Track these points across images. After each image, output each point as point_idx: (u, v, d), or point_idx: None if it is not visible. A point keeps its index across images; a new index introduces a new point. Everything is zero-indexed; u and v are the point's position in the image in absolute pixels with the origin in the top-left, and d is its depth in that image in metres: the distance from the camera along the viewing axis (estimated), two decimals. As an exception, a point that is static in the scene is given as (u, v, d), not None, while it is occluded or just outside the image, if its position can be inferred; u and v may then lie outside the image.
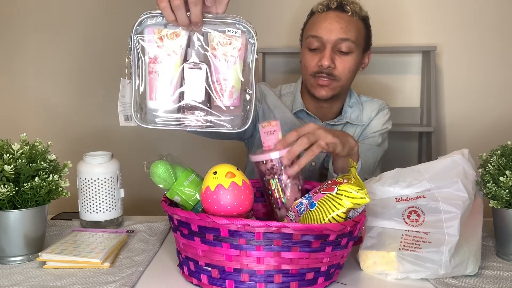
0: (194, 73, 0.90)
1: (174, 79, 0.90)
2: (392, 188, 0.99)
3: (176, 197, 0.97)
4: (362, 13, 1.38)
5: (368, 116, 1.46)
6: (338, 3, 1.36)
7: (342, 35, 1.32)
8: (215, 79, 0.90)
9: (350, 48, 1.34)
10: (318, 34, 1.34)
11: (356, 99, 1.48)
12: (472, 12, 2.19)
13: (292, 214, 0.96)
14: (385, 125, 1.47)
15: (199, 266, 0.88)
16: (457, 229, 0.91)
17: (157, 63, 0.89)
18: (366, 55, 1.44)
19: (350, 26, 1.34)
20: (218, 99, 0.90)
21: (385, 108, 1.50)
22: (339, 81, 1.36)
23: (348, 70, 1.35)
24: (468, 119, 2.24)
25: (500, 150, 1.04)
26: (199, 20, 0.86)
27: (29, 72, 2.30)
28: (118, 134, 2.30)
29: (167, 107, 0.90)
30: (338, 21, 1.33)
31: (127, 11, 2.17)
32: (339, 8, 1.35)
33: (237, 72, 0.90)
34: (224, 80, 0.90)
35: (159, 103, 0.90)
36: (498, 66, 2.21)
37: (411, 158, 2.32)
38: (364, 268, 0.98)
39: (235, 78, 0.90)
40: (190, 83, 0.90)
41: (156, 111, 0.90)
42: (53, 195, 1.03)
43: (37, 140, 1.05)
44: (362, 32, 1.38)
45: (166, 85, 0.89)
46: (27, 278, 0.94)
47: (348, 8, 1.34)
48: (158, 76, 0.89)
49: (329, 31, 1.33)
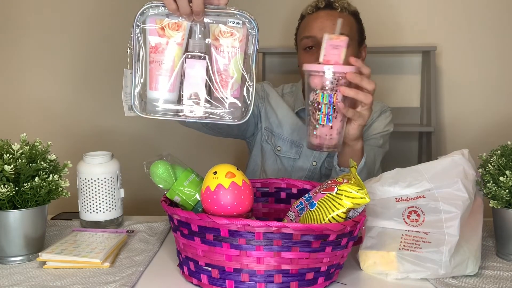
0: (195, 63, 0.90)
1: (175, 70, 0.90)
2: (392, 188, 0.99)
3: (176, 197, 0.97)
4: (351, 8, 1.40)
5: (370, 118, 1.46)
6: (326, 2, 1.38)
7: None
8: (216, 70, 0.90)
9: None
10: (311, 34, 1.36)
11: None
12: (472, 12, 2.19)
13: (292, 214, 0.96)
14: (386, 127, 1.47)
15: (199, 266, 0.88)
16: (457, 229, 0.91)
17: (158, 53, 0.89)
18: (362, 49, 1.44)
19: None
20: (218, 90, 0.90)
21: (387, 110, 1.50)
22: None
23: None
24: (468, 119, 2.24)
25: (500, 150, 1.04)
26: (200, 10, 0.86)
27: (29, 72, 2.30)
28: (118, 134, 2.30)
29: (167, 97, 0.90)
30: (329, 19, 1.35)
31: (128, 11, 2.17)
32: (328, 6, 1.38)
33: (238, 64, 0.90)
34: (225, 71, 0.90)
35: (159, 93, 0.90)
36: (498, 66, 2.21)
37: (411, 158, 2.31)
38: (364, 268, 0.98)
39: (236, 69, 0.90)
40: (190, 74, 0.90)
41: (156, 101, 0.90)
42: (53, 195, 1.03)
43: (37, 140, 1.05)
44: (354, 27, 1.40)
45: (166, 75, 0.89)
46: (27, 278, 0.94)
47: (336, 5, 1.37)
48: (159, 65, 0.89)
49: (321, 30, 1.34)
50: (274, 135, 1.47)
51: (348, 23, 1.37)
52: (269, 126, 1.47)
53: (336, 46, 0.93)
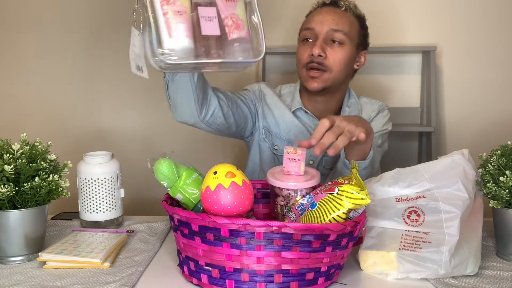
0: (207, 10, 0.94)
1: (189, 17, 0.93)
2: (392, 188, 0.99)
3: (178, 195, 0.97)
4: (357, 11, 1.42)
5: (368, 117, 1.46)
6: (331, 0, 1.41)
7: (334, 26, 1.36)
8: (224, 16, 0.95)
9: (342, 40, 1.36)
10: (311, 26, 1.39)
11: (355, 99, 1.48)
12: (472, 12, 2.19)
13: (293, 214, 0.96)
14: (385, 126, 1.47)
15: (200, 266, 0.88)
16: (457, 229, 0.91)
17: (170, 4, 0.91)
18: (362, 54, 1.45)
19: (343, 19, 1.37)
20: (232, 33, 0.95)
21: (385, 109, 1.50)
22: (330, 72, 1.36)
23: (339, 61, 1.36)
24: (468, 119, 2.24)
25: (500, 150, 1.04)
26: None
27: (29, 72, 2.30)
28: (118, 134, 2.30)
29: (186, 44, 0.92)
30: (330, 14, 1.38)
31: (128, 11, 2.17)
32: (333, 4, 1.41)
33: (242, 8, 0.97)
34: (233, 14, 0.96)
35: (177, 41, 0.92)
36: (498, 66, 2.21)
37: (411, 158, 2.31)
38: (364, 268, 0.98)
39: (242, 14, 0.97)
40: (205, 19, 0.93)
41: (173, 50, 0.92)
42: (53, 195, 1.03)
43: (37, 140, 1.05)
44: (356, 27, 1.40)
45: (183, 22, 0.92)
46: (27, 278, 0.94)
47: (342, 3, 1.40)
48: (174, 15, 0.91)
49: (321, 23, 1.37)
50: (272, 134, 1.47)
51: (349, 22, 1.38)
52: (266, 125, 1.48)
53: (294, 159, 0.98)
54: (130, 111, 2.25)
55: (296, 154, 0.99)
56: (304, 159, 0.99)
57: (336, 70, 1.36)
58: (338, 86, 1.42)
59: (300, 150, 0.98)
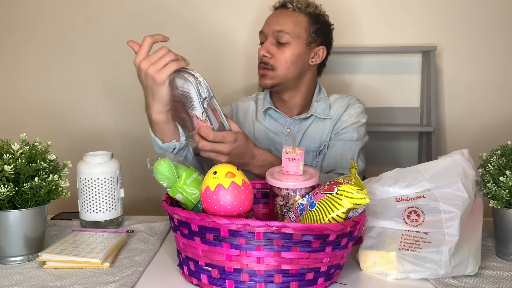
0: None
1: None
2: (392, 188, 0.99)
3: (178, 195, 0.97)
4: (309, 9, 1.46)
5: (338, 112, 1.49)
6: (281, 3, 1.48)
7: (277, 27, 1.42)
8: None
9: (286, 39, 1.42)
10: (262, 29, 1.48)
11: (324, 95, 1.52)
12: (472, 12, 2.19)
13: (293, 214, 0.96)
14: (357, 119, 1.49)
15: (199, 266, 0.88)
16: (457, 229, 0.91)
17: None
18: (317, 50, 1.47)
19: (286, 19, 1.43)
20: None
21: (356, 103, 1.52)
22: (275, 71, 1.42)
23: (284, 60, 1.42)
24: (468, 119, 2.24)
25: (500, 150, 1.04)
26: None
27: (29, 72, 2.30)
28: (118, 134, 2.30)
29: None
30: (276, 16, 1.46)
31: (128, 11, 2.17)
32: (282, 6, 1.48)
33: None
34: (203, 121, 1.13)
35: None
36: (498, 66, 2.21)
37: (411, 158, 2.31)
38: (364, 268, 0.98)
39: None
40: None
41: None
42: (53, 195, 1.03)
43: (37, 140, 1.05)
44: (303, 26, 1.44)
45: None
46: (27, 278, 0.94)
47: (289, 5, 1.45)
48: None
49: (268, 25, 1.45)
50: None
51: (294, 22, 1.43)
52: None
53: (293, 159, 1.00)
54: (130, 111, 2.25)
55: (294, 154, 0.99)
56: (303, 159, 0.99)
57: (282, 68, 1.42)
58: (294, 82, 1.46)
59: (298, 149, 0.98)
